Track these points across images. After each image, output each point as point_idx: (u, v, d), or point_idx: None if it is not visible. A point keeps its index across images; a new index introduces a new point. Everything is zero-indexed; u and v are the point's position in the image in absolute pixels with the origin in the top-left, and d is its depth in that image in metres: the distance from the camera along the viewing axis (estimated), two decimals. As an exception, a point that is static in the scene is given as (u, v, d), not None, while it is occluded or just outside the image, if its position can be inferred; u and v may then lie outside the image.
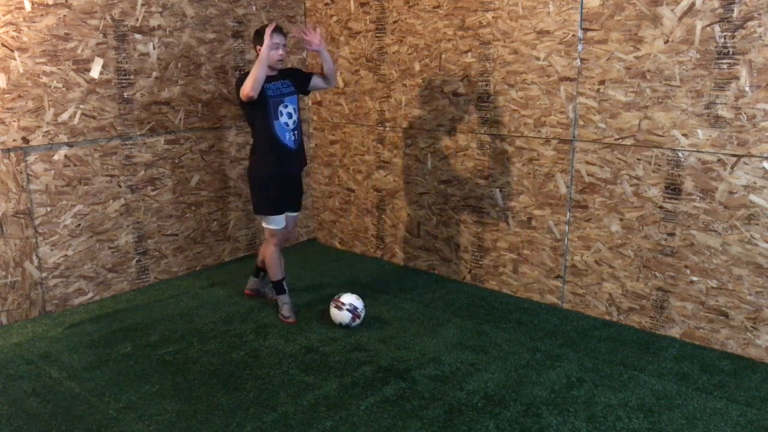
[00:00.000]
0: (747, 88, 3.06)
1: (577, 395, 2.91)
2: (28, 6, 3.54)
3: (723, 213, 3.23)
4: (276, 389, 2.99)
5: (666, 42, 3.27)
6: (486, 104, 4.03)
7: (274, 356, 3.32)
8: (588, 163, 3.66)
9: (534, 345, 3.42)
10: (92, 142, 3.92)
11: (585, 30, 3.54)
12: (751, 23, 3.00)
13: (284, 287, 3.81)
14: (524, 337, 3.52)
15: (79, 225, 3.93)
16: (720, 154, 3.19)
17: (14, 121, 3.57)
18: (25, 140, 3.63)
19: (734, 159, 3.15)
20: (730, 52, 3.08)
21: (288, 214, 3.78)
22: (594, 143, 3.62)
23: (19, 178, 3.65)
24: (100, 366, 3.22)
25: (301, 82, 3.73)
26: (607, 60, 3.48)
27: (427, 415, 2.75)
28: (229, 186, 4.72)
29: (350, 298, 3.65)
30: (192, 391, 2.98)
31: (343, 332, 3.59)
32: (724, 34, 3.09)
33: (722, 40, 3.10)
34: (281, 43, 3.50)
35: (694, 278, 3.37)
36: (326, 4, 4.85)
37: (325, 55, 3.67)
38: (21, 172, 3.65)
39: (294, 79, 3.70)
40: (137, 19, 4.00)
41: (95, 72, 3.86)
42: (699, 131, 3.24)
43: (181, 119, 4.34)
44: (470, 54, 4.04)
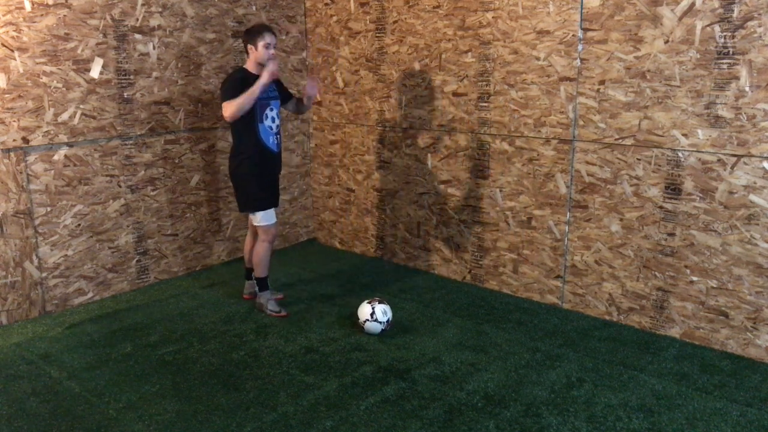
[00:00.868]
0: (747, 88, 3.06)
1: (577, 395, 2.91)
2: (28, 6, 3.54)
3: (723, 213, 3.23)
4: (276, 389, 2.99)
5: (666, 42, 3.27)
6: (486, 104, 4.03)
7: (274, 356, 3.32)
8: (588, 163, 3.66)
9: (534, 345, 3.42)
10: (92, 142, 3.92)
11: (585, 30, 3.54)
12: (751, 23, 3.00)
13: (268, 284, 3.88)
14: (524, 337, 3.52)
15: (79, 225, 3.92)
16: (720, 154, 3.19)
17: (14, 121, 3.56)
18: (25, 140, 3.63)
19: (734, 159, 3.15)
20: (730, 52, 3.08)
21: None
22: (594, 143, 3.62)
23: (19, 178, 3.64)
24: (100, 366, 3.22)
25: (282, 93, 3.86)
26: (607, 60, 3.48)
27: (427, 415, 2.75)
28: (229, 186, 4.70)
29: (382, 309, 3.54)
30: (192, 391, 2.98)
31: (343, 332, 3.59)
32: (724, 34, 3.08)
33: (722, 40, 3.09)
34: (272, 43, 3.58)
35: (694, 278, 3.37)
36: (326, 4, 4.85)
37: (312, 101, 3.95)
38: (21, 172, 3.64)
39: (279, 87, 3.83)
40: (137, 19, 4.00)
41: (95, 72, 3.86)
42: (699, 131, 3.24)
43: (181, 119, 4.34)
44: (470, 54, 4.04)
